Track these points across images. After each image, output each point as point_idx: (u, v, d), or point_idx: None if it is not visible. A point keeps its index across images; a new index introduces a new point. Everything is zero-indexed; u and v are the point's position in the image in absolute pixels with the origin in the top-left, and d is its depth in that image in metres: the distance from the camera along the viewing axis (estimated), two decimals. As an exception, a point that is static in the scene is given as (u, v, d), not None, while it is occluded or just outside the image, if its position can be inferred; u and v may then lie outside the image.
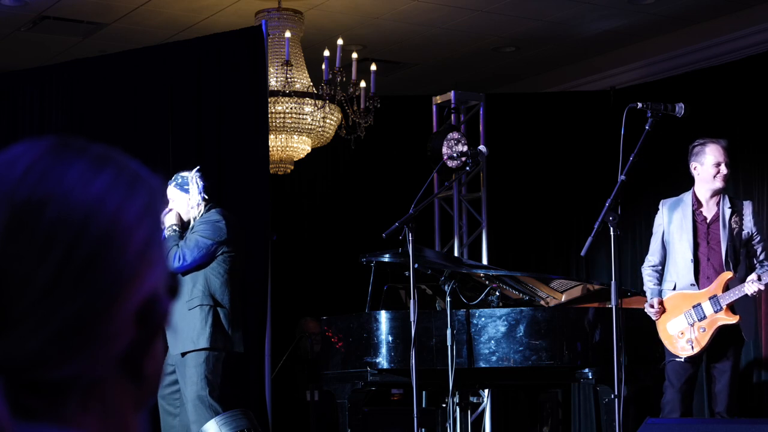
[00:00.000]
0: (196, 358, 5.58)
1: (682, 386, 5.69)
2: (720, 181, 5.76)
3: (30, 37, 8.45)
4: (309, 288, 9.14)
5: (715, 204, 5.79)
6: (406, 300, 6.09)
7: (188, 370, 5.58)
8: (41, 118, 7.14)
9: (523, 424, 8.78)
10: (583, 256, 5.05)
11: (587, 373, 5.78)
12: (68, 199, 0.90)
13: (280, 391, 8.07)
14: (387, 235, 5.61)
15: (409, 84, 9.78)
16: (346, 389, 6.01)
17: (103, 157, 0.94)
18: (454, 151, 7.83)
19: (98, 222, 0.90)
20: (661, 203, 5.95)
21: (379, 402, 7.98)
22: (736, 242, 5.72)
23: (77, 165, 0.92)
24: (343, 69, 7.38)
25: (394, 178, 8.85)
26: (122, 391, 0.94)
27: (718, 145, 5.78)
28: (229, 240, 5.67)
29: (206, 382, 5.54)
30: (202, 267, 5.62)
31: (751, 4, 8.09)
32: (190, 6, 7.89)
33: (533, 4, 8.00)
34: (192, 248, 5.57)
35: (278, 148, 7.70)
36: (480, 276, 6.35)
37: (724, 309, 5.61)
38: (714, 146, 5.77)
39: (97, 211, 0.90)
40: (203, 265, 5.62)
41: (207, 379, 5.55)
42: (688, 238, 5.78)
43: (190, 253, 5.56)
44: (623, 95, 8.45)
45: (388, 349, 5.86)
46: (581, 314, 5.90)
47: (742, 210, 5.78)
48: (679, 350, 5.70)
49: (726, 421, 5.47)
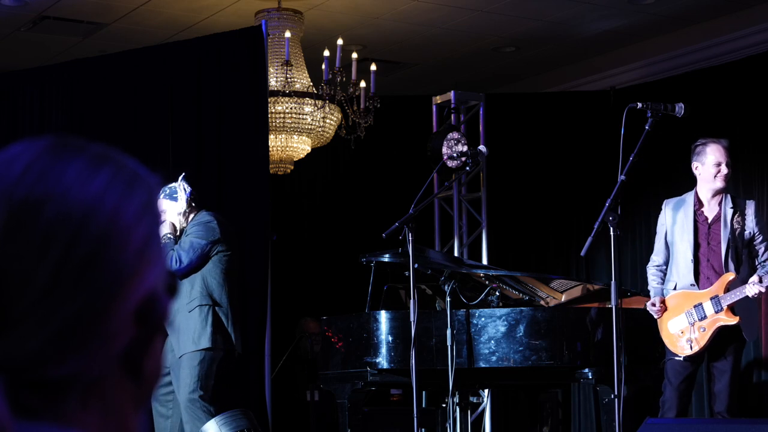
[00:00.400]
0: (192, 359, 5.59)
1: (680, 384, 5.69)
2: (720, 181, 5.75)
3: (30, 37, 8.45)
4: (309, 288, 9.14)
5: (717, 204, 5.78)
6: (406, 300, 6.09)
7: (183, 371, 5.59)
8: (41, 118, 7.14)
9: (523, 424, 8.78)
10: (583, 256, 5.06)
11: (587, 373, 5.78)
12: (66, 197, 0.90)
13: (280, 391, 8.07)
14: (387, 235, 5.61)
15: (409, 84, 9.78)
16: (346, 389, 6.01)
17: (102, 156, 0.94)
18: (454, 151, 7.83)
19: (97, 220, 0.90)
20: (665, 203, 5.95)
21: (379, 402, 7.98)
22: (737, 242, 5.71)
23: (75, 164, 0.92)
24: (343, 69, 7.38)
25: (394, 178, 8.85)
26: (122, 390, 0.93)
27: (719, 144, 5.78)
28: (222, 239, 5.71)
29: (200, 383, 5.57)
30: (198, 268, 5.67)
31: (751, 4, 8.09)
32: (190, 6, 7.89)
33: (533, 4, 8.00)
34: (187, 250, 5.63)
35: (278, 148, 7.70)
36: (480, 276, 6.35)
37: (724, 310, 5.61)
38: (715, 146, 5.77)
39: (95, 210, 0.90)
40: (199, 266, 5.67)
41: (200, 381, 5.57)
42: (689, 239, 5.78)
43: (186, 255, 5.62)
44: (623, 95, 8.45)
45: (388, 349, 5.86)
46: (581, 314, 5.89)
47: (744, 209, 5.76)
48: (678, 349, 5.71)
49: (726, 421, 5.47)
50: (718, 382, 5.72)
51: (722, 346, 5.69)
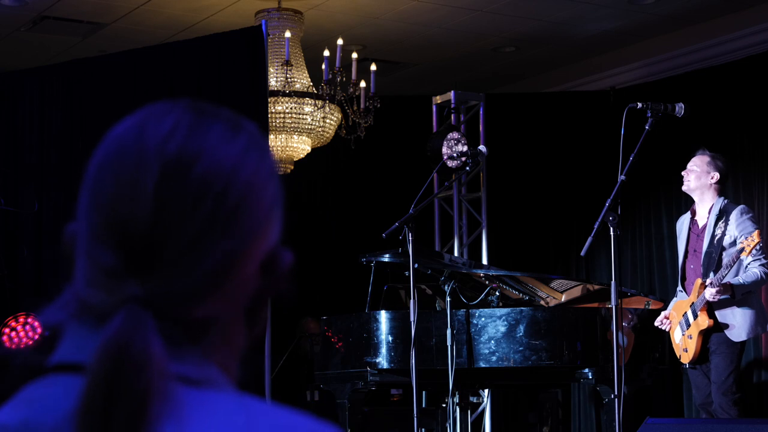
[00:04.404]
0: None
1: (703, 400, 5.98)
2: (684, 185, 6.09)
3: (30, 37, 8.45)
4: (309, 288, 9.14)
5: (707, 212, 5.95)
6: (406, 300, 6.09)
7: None
8: (41, 118, 7.14)
9: (523, 424, 8.78)
10: (583, 256, 5.07)
11: (587, 373, 5.79)
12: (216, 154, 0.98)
13: (280, 391, 8.07)
14: (387, 235, 5.61)
15: (409, 84, 9.78)
16: (346, 389, 6.01)
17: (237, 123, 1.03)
18: (454, 151, 7.83)
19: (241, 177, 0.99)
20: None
21: (379, 402, 7.98)
22: (713, 249, 5.85)
23: (217, 126, 1.01)
24: (343, 69, 7.38)
25: (394, 178, 8.84)
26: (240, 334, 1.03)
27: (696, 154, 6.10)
28: None
29: None
30: None
31: (751, 4, 8.09)
32: (190, 6, 7.89)
33: (533, 4, 8.00)
34: None
35: (278, 148, 7.70)
36: (480, 276, 6.35)
37: (699, 315, 5.82)
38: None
39: (241, 167, 0.99)
40: None
41: None
42: (682, 247, 6.08)
43: None
44: (623, 95, 8.45)
45: (388, 349, 5.86)
46: (581, 314, 5.90)
47: (730, 215, 5.88)
48: (682, 358, 5.98)
49: (726, 421, 5.48)
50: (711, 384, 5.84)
51: (709, 349, 5.88)
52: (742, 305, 5.78)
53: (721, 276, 5.65)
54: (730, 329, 5.77)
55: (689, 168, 6.04)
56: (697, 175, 5.99)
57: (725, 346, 5.79)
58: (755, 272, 5.73)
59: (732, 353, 5.79)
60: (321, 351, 6.47)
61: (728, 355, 5.79)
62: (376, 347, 5.90)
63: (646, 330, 6.05)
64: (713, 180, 5.98)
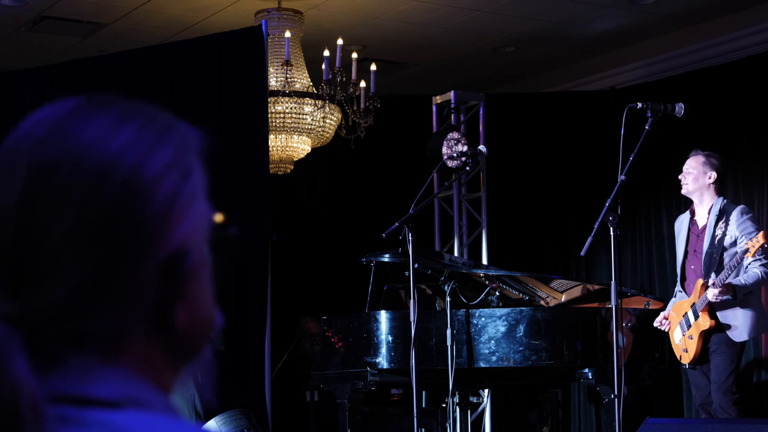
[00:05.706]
0: None
1: (703, 400, 5.97)
2: (683, 189, 6.07)
3: (30, 37, 8.45)
4: (309, 288, 9.14)
5: (707, 212, 5.94)
6: (406, 300, 6.09)
7: None
8: (41, 118, 7.14)
9: (523, 424, 8.78)
10: (583, 256, 5.07)
11: (587, 373, 5.79)
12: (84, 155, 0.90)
13: (280, 391, 8.07)
14: (387, 235, 5.61)
15: (409, 84, 9.78)
16: (346, 389, 6.01)
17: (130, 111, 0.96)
18: (454, 151, 7.83)
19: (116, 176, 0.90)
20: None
21: (379, 402, 7.98)
22: (713, 249, 5.85)
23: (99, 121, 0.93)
24: (343, 69, 7.38)
25: (394, 178, 8.84)
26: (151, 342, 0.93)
27: (690, 155, 6.09)
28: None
29: None
30: None
31: (751, 4, 8.08)
32: (190, 6, 7.89)
33: (533, 4, 8.00)
34: None
35: (278, 148, 7.70)
36: (480, 276, 6.35)
37: (700, 315, 5.80)
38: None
39: (114, 166, 0.90)
40: None
41: None
42: (682, 248, 6.06)
43: None
44: (623, 95, 8.45)
45: (388, 349, 5.86)
46: (581, 314, 5.90)
47: (729, 215, 5.88)
48: (682, 358, 5.96)
49: (726, 421, 5.48)
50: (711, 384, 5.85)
51: (710, 349, 5.88)
52: (743, 306, 5.78)
53: (723, 277, 5.64)
54: (732, 329, 5.77)
55: (686, 171, 6.03)
56: (695, 177, 5.99)
57: (726, 346, 5.79)
58: (756, 272, 5.72)
59: (732, 353, 5.80)
60: (321, 351, 6.47)
61: (729, 355, 5.79)
62: (376, 347, 5.90)
63: (645, 330, 6.05)
64: (711, 180, 5.98)
